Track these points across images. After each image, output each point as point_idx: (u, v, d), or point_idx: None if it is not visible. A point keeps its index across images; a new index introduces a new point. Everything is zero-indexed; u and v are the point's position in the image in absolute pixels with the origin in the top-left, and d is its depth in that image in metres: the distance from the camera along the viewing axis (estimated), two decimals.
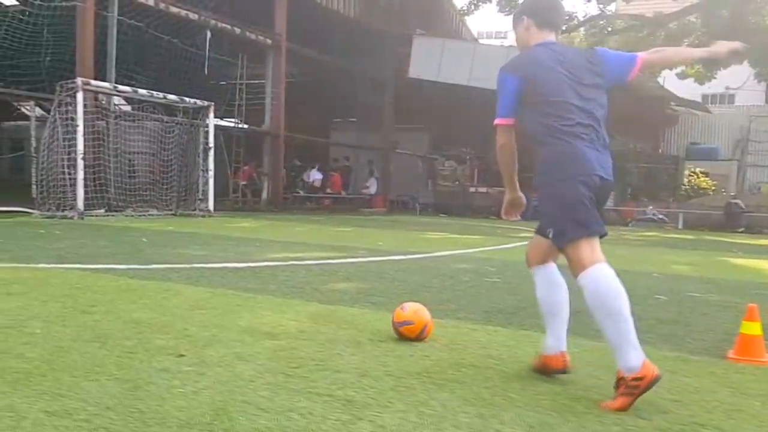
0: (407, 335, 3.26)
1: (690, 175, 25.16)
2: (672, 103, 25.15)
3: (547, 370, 2.75)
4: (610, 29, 24.31)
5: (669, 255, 9.25)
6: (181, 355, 2.84)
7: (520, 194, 2.90)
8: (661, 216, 18.87)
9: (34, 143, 16.03)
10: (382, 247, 8.50)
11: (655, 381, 2.34)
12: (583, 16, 24.08)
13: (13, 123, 27.40)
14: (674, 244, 11.87)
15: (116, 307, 3.80)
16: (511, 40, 39.80)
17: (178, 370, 2.62)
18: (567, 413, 2.29)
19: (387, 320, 3.64)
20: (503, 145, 2.78)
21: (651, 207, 19.37)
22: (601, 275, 2.48)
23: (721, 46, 2.86)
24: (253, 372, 2.64)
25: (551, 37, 2.88)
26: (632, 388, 2.33)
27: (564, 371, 2.72)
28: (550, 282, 2.79)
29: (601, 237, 2.60)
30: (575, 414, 2.29)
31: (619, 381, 2.38)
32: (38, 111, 17.90)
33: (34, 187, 15.18)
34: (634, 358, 2.37)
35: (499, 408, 2.31)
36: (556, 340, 2.74)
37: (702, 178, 25.14)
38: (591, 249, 2.53)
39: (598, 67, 2.77)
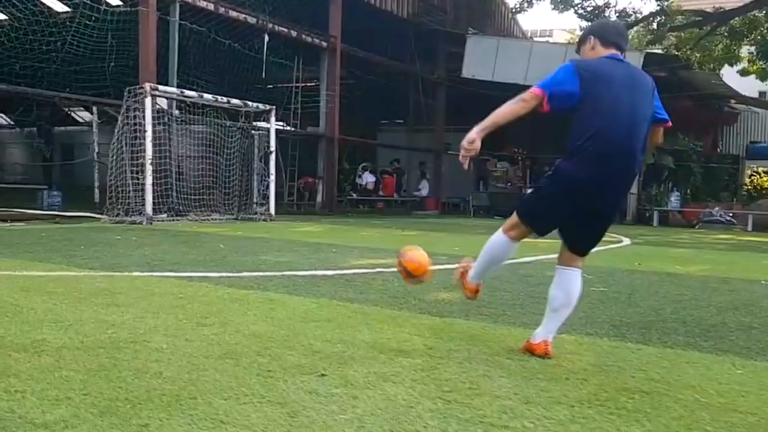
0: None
1: (752, 175, 24.25)
2: (732, 101, 24.23)
3: (531, 354, 3.06)
4: (667, 27, 23.55)
5: (765, 260, 8.79)
6: (323, 375, 2.69)
7: (479, 143, 3.05)
8: (728, 217, 18.14)
9: (96, 148, 16.23)
10: (460, 253, 8.24)
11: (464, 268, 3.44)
12: (637, 11, 23.43)
13: (63, 128, 27.89)
14: (758, 248, 11.32)
15: (230, 320, 3.68)
16: (556, 38, 39.25)
17: (327, 393, 2.46)
18: None
19: (515, 336, 3.46)
20: (523, 100, 2.93)
21: (717, 208, 18.63)
22: (496, 236, 3.20)
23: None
24: (407, 396, 2.46)
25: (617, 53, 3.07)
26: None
27: (544, 357, 3.01)
28: (567, 285, 3.06)
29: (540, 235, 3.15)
30: None
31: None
32: (89, 116, 18.10)
33: (97, 191, 15.38)
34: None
35: None
36: (546, 332, 3.07)
37: (765, 178, 24.21)
38: (518, 229, 3.13)
39: (653, 100, 3.00)
